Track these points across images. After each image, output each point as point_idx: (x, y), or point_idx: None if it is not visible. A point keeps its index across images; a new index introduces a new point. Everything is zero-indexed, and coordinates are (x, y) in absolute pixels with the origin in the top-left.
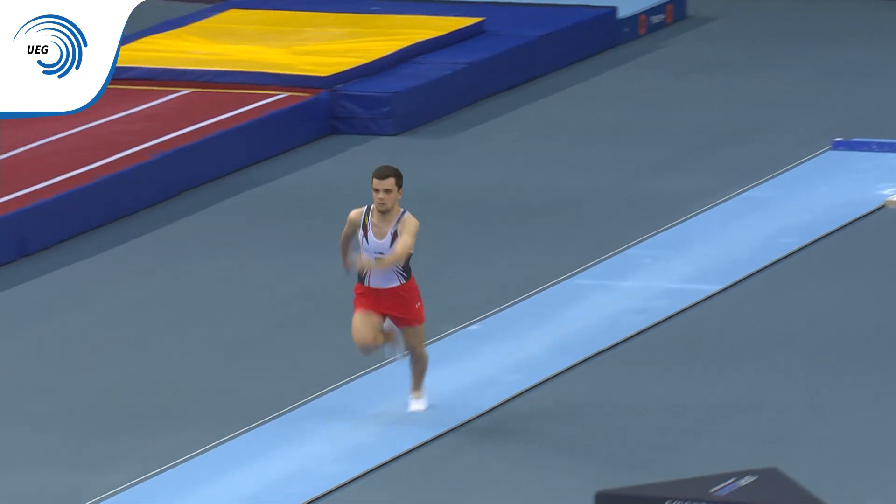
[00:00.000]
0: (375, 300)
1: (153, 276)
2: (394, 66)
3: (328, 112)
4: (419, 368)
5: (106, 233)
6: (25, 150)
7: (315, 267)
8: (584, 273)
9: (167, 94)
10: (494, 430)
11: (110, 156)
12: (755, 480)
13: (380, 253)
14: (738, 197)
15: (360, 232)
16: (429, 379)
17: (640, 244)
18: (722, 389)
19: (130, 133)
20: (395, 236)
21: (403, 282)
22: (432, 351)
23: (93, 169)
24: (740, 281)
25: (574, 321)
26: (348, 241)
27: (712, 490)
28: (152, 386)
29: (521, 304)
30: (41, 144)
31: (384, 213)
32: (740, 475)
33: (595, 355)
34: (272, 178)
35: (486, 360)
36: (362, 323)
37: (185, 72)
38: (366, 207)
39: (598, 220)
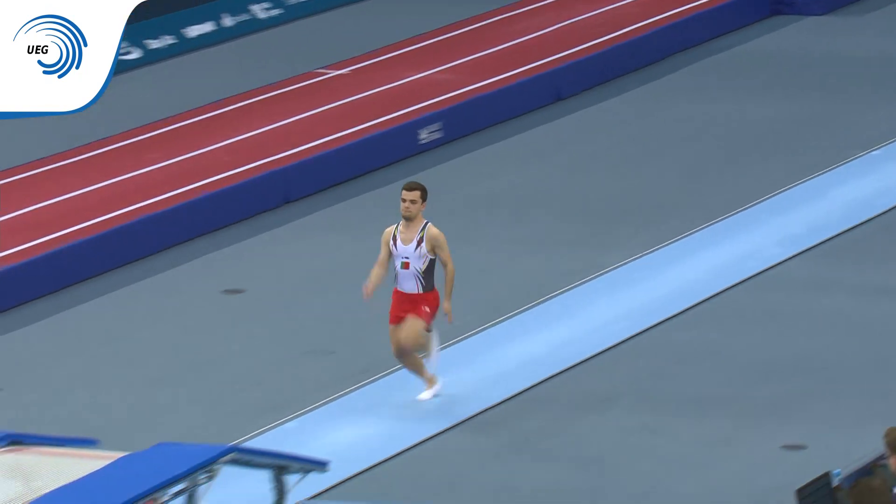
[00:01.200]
0: (399, 301)
1: (658, 108)
2: None
3: None
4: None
5: (595, 93)
6: (537, 34)
7: (769, 106)
8: None
9: None
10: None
11: (595, 39)
12: None
13: (406, 257)
14: None
15: (391, 241)
16: (737, 226)
17: None
18: None
19: (632, 16)
20: (419, 243)
21: (422, 291)
22: (768, 205)
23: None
24: None
25: None
26: (386, 262)
27: None
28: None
29: (885, 146)
30: (566, 24)
31: (409, 220)
32: None
33: None
34: (733, 46)
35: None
36: (392, 333)
37: None
38: (394, 225)
39: None
